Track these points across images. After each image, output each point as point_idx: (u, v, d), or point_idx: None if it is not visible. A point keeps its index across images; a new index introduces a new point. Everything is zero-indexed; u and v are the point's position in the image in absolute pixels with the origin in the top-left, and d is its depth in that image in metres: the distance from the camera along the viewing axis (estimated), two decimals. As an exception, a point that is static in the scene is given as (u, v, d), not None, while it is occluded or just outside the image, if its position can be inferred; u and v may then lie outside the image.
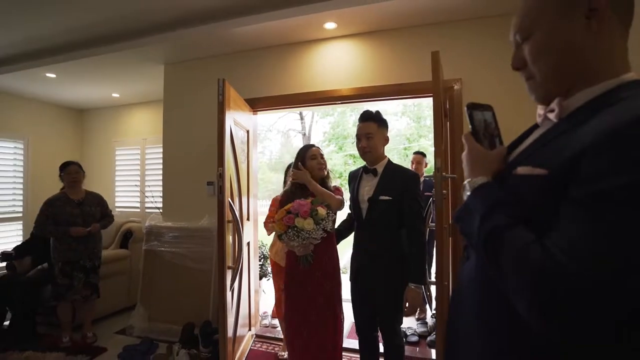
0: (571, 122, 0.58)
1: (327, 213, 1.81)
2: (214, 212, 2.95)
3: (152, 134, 4.61)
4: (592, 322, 0.46)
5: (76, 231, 2.72)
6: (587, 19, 0.57)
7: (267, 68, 3.00)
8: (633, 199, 0.45)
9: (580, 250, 0.47)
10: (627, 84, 0.57)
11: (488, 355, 0.64)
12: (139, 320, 3.08)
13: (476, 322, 0.67)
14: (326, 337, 1.95)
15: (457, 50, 2.46)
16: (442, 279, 1.71)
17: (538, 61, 0.64)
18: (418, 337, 2.86)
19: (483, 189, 0.65)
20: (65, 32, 2.93)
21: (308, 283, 1.94)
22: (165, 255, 3.13)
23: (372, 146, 1.84)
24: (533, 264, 0.50)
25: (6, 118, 4.27)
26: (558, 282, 0.47)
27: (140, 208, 4.67)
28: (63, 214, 2.76)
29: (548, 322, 0.49)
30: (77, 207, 2.85)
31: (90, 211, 2.89)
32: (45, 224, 2.72)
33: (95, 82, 3.91)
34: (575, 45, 0.59)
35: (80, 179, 2.93)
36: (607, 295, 0.45)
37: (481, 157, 0.69)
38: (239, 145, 2.59)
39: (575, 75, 0.61)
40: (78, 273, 2.80)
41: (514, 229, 0.56)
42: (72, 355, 2.63)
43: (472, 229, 0.63)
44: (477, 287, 0.68)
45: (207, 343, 2.62)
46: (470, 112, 0.73)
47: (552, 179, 0.54)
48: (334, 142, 12.99)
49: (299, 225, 1.71)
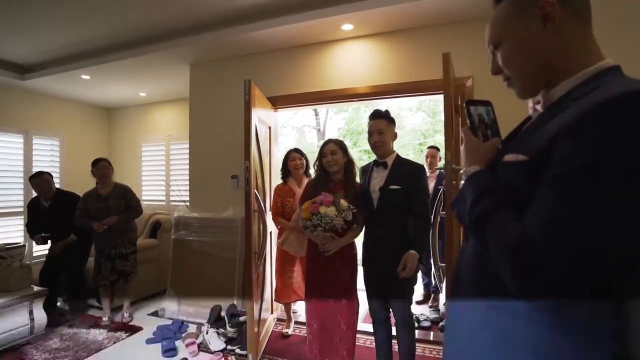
0: (553, 110, 0.64)
1: (348, 206, 1.97)
2: (237, 204, 3.19)
3: (176, 130, 4.86)
4: (562, 287, 0.52)
5: (96, 226, 2.99)
6: (543, 23, 0.65)
7: (287, 67, 3.18)
8: (592, 179, 0.51)
9: (550, 226, 0.53)
10: (605, 70, 0.63)
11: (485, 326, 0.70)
12: (170, 303, 3.33)
13: (473, 294, 0.74)
14: (342, 317, 2.13)
15: (468, 49, 2.56)
16: (451, 262, 1.85)
17: (509, 65, 0.73)
18: (430, 322, 3.02)
19: (475, 177, 0.72)
20: (103, 36, 3.17)
21: (329, 270, 2.12)
22: (193, 243, 3.37)
23: (383, 141, 2.03)
24: (511, 241, 0.56)
25: (45, 117, 4.60)
26: (532, 256, 0.53)
27: (165, 201, 4.93)
28: (92, 209, 3.07)
29: (527, 290, 0.56)
30: (104, 201, 3.12)
31: (114, 205, 3.12)
32: (81, 217, 3.05)
33: (124, 82, 4.17)
34: (538, 47, 0.67)
35: (110, 174, 3.21)
36: (572, 268, 0.51)
37: (475, 148, 0.77)
38: (262, 141, 2.78)
39: (550, 70, 0.68)
40: (105, 261, 3.08)
41: (498, 212, 0.62)
42: (113, 332, 2.90)
43: (464, 214, 0.70)
44: (473, 265, 0.74)
45: (233, 324, 2.83)
46: (468, 107, 0.82)
47: (532, 164, 0.60)
48: (349, 137, 13.08)
49: (322, 212, 1.89)
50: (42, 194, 3.24)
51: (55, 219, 3.20)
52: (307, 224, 1.98)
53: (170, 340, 2.75)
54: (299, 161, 2.82)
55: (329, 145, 2.17)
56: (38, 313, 2.71)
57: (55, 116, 4.73)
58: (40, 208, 3.24)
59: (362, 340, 2.72)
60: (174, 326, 3.00)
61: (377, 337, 2.19)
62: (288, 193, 2.77)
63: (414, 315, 3.01)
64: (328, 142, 2.21)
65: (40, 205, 3.26)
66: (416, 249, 1.92)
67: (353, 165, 2.22)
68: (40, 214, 3.25)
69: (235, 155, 3.18)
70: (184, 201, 4.40)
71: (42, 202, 3.26)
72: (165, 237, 3.89)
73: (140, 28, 3.03)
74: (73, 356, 2.52)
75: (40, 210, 3.24)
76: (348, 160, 2.19)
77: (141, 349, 2.69)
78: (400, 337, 2.09)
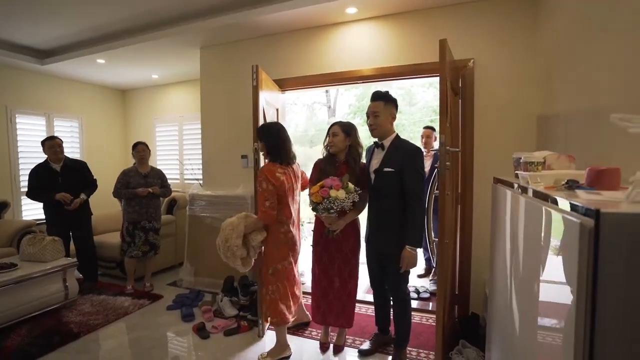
0: None
1: (354, 188, 2.10)
2: (247, 182, 3.38)
3: (188, 111, 5.02)
4: None
5: (141, 191, 3.32)
6: None
7: (293, 50, 3.26)
8: None
9: None
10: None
11: None
12: (187, 274, 3.61)
13: None
14: (343, 287, 2.34)
15: (470, 32, 2.61)
16: (443, 237, 2.00)
17: None
18: (430, 294, 3.21)
19: None
20: (117, 22, 3.30)
21: (333, 242, 2.29)
22: (206, 219, 3.59)
23: (378, 123, 2.08)
24: None
25: (64, 100, 4.82)
26: None
27: (179, 179, 5.16)
28: (133, 182, 3.38)
29: None
30: (144, 178, 3.45)
31: (152, 182, 3.48)
32: (120, 189, 3.35)
33: (137, 65, 4.31)
34: None
35: (147, 156, 3.53)
36: None
37: None
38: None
39: None
40: (139, 232, 3.38)
41: None
42: (137, 299, 3.20)
43: None
44: None
45: (245, 293, 3.08)
46: None
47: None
48: (360, 115, 12.99)
49: (333, 195, 2.03)
50: (54, 157, 3.38)
51: (68, 180, 3.40)
52: (317, 207, 2.09)
53: (189, 307, 3.02)
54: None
55: (333, 127, 2.26)
56: (71, 281, 3.01)
57: (74, 99, 4.95)
58: (51, 170, 3.38)
59: (364, 309, 2.94)
60: (191, 295, 3.27)
61: (376, 303, 2.42)
62: None
63: (414, 287, 3.23)
64: (334, 124, 2.28)
65: (51, 168, 3.38)
66: (410, 241, 1.97)
67: (355, 148, 2.29)
68: (52, 176, 3.37)
69: (244, 135, 3.33)
70: (197, 179, 4.62)
71: (52, 165, 3.40)
72: (181, 214, 4.14)
73: (152, 13, 3.13)
74: (103, 319, 2.81)
75: (52, 173, 3.37)
76: (351, 143, 2.26)
77: (162, 314, 2.97)
78: (395, 313, 2.25)
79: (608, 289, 0.63)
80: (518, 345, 1.15)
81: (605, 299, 0.63)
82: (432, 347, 2.34)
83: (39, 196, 3.35)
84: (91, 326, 2.69)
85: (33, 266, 2.82)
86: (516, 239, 1.21)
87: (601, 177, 0.95)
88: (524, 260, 1.12)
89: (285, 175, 2.20)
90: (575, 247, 0.67)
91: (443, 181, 1.93)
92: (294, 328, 2.67)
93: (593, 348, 0.64)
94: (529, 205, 1.07)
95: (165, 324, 2.80)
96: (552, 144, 2.12)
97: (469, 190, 2.66)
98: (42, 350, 2.35)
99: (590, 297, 0.64)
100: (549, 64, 2.23)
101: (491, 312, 1.70)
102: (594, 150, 1.56)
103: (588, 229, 0.64)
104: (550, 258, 0.86)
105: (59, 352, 2.38)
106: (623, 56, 1.33)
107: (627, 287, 0.62)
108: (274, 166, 2.19)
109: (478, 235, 2.65)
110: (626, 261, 0.62)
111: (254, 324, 2.69)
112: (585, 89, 1.69)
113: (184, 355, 2.45)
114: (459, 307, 2.70)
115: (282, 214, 2.22)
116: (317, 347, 2.45)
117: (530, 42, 2.47)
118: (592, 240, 0.64)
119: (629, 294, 0.62)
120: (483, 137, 2.62)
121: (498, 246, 1.51)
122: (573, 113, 1.86)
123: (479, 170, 2.64)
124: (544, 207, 0.90)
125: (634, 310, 0.62)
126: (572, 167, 1.23)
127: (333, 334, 2.50)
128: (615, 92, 1.40)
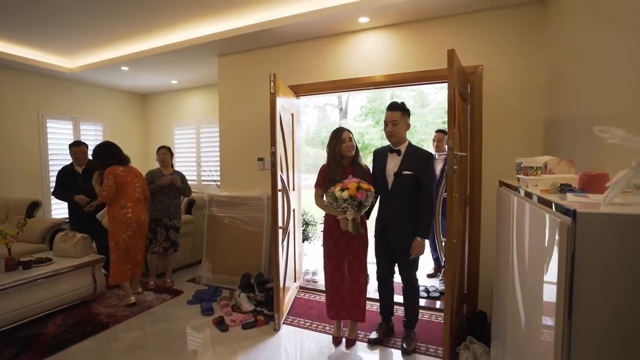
0: None
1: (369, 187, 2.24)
2: (264, 184, 3.53)
3: (205, 115, 5.22)
4: None
5: (164, 180, 3.52)
6: None
7: (307, 57, 3.40)
8: None
9: None
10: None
11: None
12: (205, 271, 3.78)
13: None
14: (355, 283, 2.48)
15: (478, 39, 2.70)
16: (451, 237, 2.10)
17: None
18: (439, 293, 3.30)
19: None
20: (141, 32, 3.50)
21: (343, 239, 2.44)
22: (224, 219, 3.76)
23: (397, 131, 2.32)
24: None
25: (91, 105, 5.10)
26: None
27: (197, 180, 5.36)
28: (157, 182, 3.56)
29: None
30: None
31: None
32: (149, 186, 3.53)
33: (158, 72, 4.52)
34: None
35: (167, 159, 3.71)
36: None
37: None
38: (285, 127, 3.05)
39: None
40: (161, 229, 3.56)
41: None
42: (159, 294, 3.38)
43: None
44: None
45: (262, 290, 3.22)
46: None
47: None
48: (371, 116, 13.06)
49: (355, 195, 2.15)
50: (78, 161, 3.67)
51: (87, 182, 3.52)
52: (342, 205, 2.19)
53: (208, 302, 3.18)
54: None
55: (346, 133, 2.43)
56: (99, 276, 3.21)
57: (99, 104, 5.22)
58: (73, 172, 3.66)
59: (375, 307, 3.05)
60: (210, 290, 3.44)
61: (381, 295, 2.59)
62: None
63: (424, 286, 3.32)
64: (343, 130, 2.44)
65: (73, 170, 3.67)
66: (421, 233, 2.28)
67: (359, 150, 2.52)
68: (73, 178, 3.64)
69: (261, 138, 3.49)
70: (214, 181, 4.80)
71: (75, 168, 3.67)
72: (199, 214, 4.32)
73: (173, 24, 3.32)
74: (129, 311, 3.00)
75: (74, 175, 3.65)
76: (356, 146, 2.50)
77: (183, 308, 3.14)
78: (406, 297, 2.47)
79: (583, 279, 0.74)
80: (519, 341, 1.25)
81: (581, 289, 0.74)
82: (441, 343, 2.43)
83: (62, 196, 3.62)
84: (119, 317, 2.88)
85: (65, 261, 3.03)
86: (515, 237, 1.32)
87: (592, 181, 1.05)
88: (520, 258, 1.23)
89: (125, 172, 3.11)
90: (556, 242, 0.79)
91: (451, 184, 2.03)
92: (308, 323, 2.80)
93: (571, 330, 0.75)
94: (523, 206, 1.18)
95: (186, 317, 2.97)
96: (558, 149, 2.20)
97: (477, 193, 2.75)
98: (76, 338, 2.56)
99: (569, 287, 0.75)
100: (555, 71, 2.31)
101: (495, 309, 1.80)
102: (597, 156, 1.63)
103: (567, 226, 0.76)
104: (540, 254, 0.97)
105: (91, 340, 2.56)
106: (629, 64, 1.38)
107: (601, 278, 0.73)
108: (117, 168, 3.09)
109: (486, 236, 2.73)
110: (599, 254, 0.73)
111: (270, 319, 2.83)
112: (590, 96, 1.76)
113: (206, 345, 2.61)
114: (467, 306, 2.79)
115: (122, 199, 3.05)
116: (330, 341, 2.58)
117: (537, 49, 2.55)
118: (571, 236, 0.75)
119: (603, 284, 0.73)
120: (491, 142, 2.71)
121: (502, 245, 1.62)
122: (578, 119, 1.94)
123: (487, 173, 2.72)
124: (532, 207, 1.02)
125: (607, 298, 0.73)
126: (571, 172, 1.32)
127: (345, 329, 2.63)
128: (620, 99, 1.46)
